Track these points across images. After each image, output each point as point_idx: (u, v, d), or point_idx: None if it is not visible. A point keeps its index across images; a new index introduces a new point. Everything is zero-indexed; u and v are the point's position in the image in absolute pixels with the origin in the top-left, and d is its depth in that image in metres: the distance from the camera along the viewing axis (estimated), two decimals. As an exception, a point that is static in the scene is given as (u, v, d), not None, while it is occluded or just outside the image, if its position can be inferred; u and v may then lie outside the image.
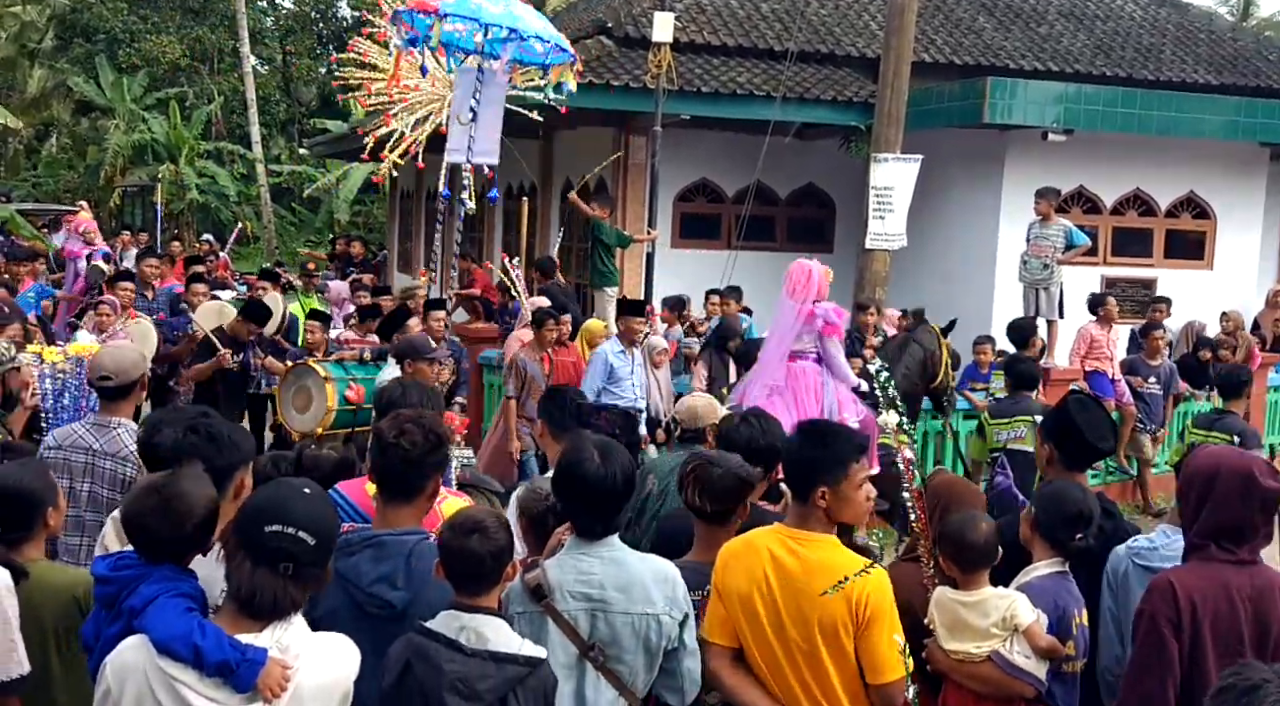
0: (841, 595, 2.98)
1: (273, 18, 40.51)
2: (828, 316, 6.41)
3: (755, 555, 3.09)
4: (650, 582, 3.04)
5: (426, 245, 21.15)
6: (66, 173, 36.70)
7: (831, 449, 3.09)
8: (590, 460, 3.04)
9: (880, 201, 10.68)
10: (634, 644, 3.01)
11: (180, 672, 2.38)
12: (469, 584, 2.76)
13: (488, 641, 2.69)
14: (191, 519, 2.67)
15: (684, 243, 13.65)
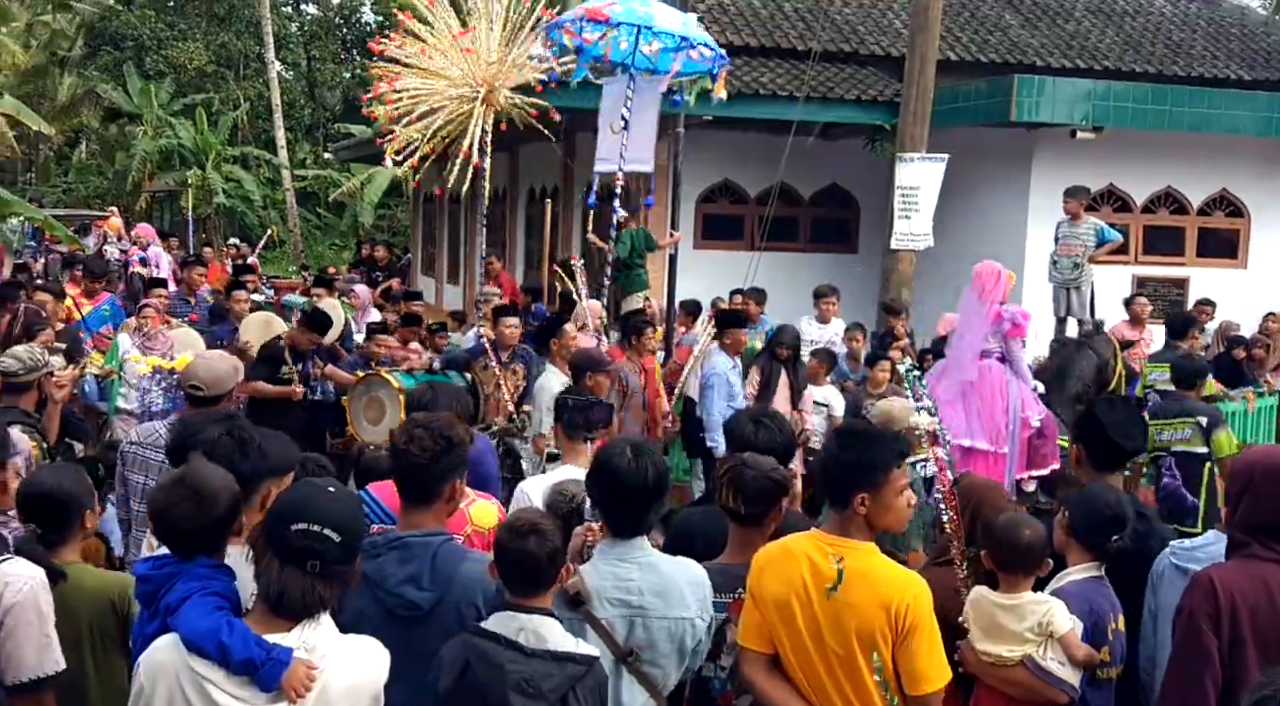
0: (880, 604, 2.91)
1: (297, 23, 40.81)
2: (1015, 318, 6.60)
3: (792, 561, 3.02)
4: (685, 587, 3.06)
5: (450, 249, 21.22)
6: (96, 178, 37.11)
7: (871, 453, 3.02)
8: (622, 457, 3.05)
9: (906, 201, 10.57)
10: (669, 647, 3.04)
11: (208, 671, 2.40)
12: (525, 585, 2.80)
13: (546, 641, 2.73)
14: (218, 506, 2.72)
15: (706, 244, 13.58)
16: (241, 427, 3.25)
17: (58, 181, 38.63)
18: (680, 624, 3.03)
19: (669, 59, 7.63)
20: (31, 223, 19.97)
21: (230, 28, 37.75)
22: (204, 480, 2.75)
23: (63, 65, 37.27)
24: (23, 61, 34.66)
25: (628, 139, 7.78)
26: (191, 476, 2.76)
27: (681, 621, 3.03)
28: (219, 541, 2.75)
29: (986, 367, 6.50)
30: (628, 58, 7.62)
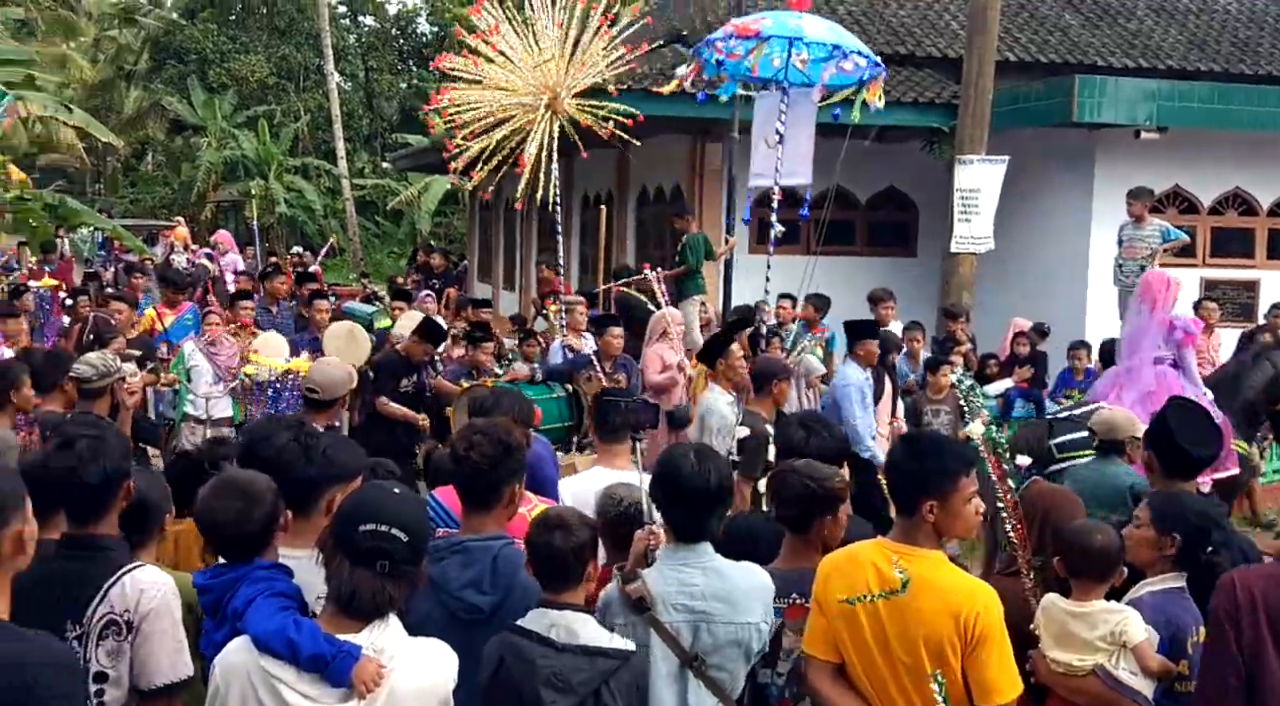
0: (949, 612, 2.88)
1: (355, 35, 41.38)
2: (1187, 327, 6.86)
3: (858, 568, 2.99)
4: (750, 592, 3.07)
5: (506, 255, 21.37)
6: (161, 189, 37.94)
7: (940, 461, 2.99)
8: (686, 462, 3.07)
9: (966, 204, 10.45)
10: (735, 652, 3.04)
11: (279, 670, 2.43)
12: (553, 580, 2.85)
13: (578, 636, 2.76)
14: (267, 500, 2.79)
15: (761, 249, 13.48)
16: (309, 434, 3.29)
17: (125, 192, 39.54)
18: (746, 629, 3.03)
19: (819, 69, 7.54)
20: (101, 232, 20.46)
21: (290, 40, 38.37)
22: (247, 481, 2.82)
23: (129, 79, 38.16)
24: (90, 76, 35.55)
25: (783, 153, 7.69)
26: (234, 480, 2.84)
27: (747, 626, 3.03)
28: (270, 539, 2.82)
29: (1162, 374, 6.66)
30: (779, 73, 7.52)
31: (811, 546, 3.33)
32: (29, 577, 2.41)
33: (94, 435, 2.97)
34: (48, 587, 2.79)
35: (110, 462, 2.93)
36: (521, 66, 8.11)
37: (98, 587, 2.81)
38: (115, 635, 2.80)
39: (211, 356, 8.37)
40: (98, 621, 2.80)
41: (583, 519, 2.94)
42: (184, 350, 8.50)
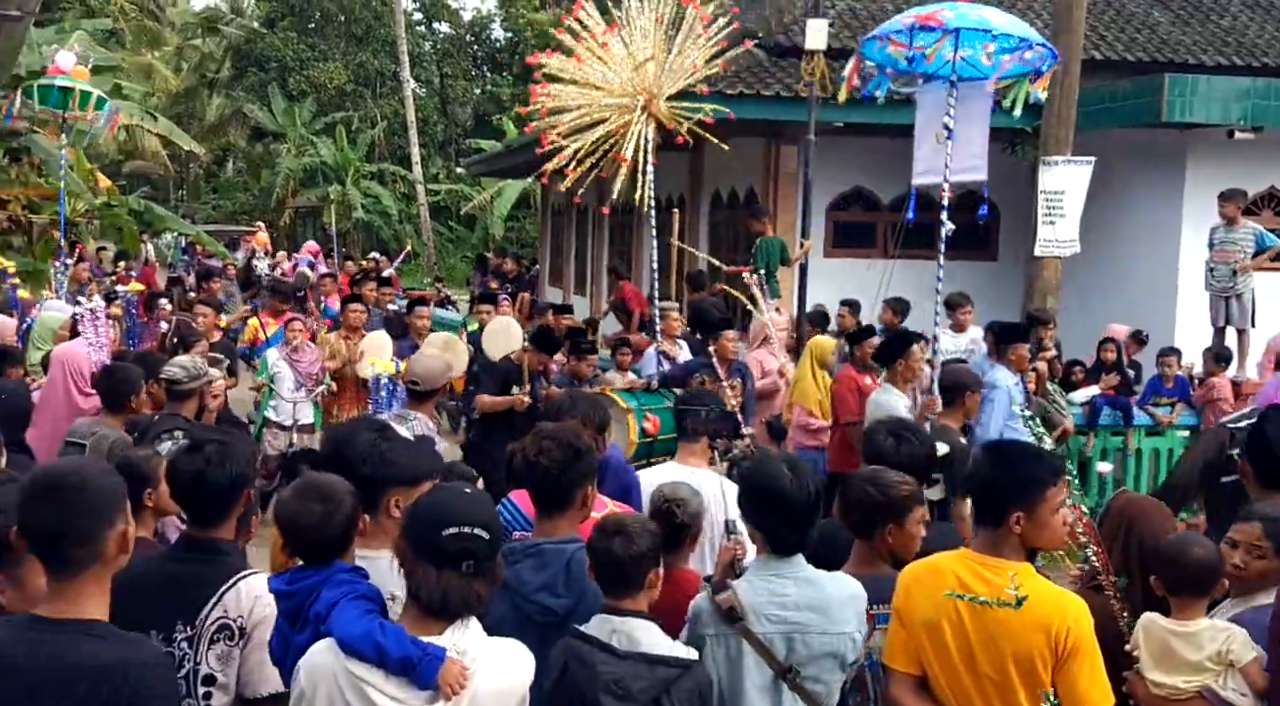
0: (1040, 625, 2.79)
1: (430, 42, 41.91)
2: None
3: (941, 580, 2.92)
4: (844, 602, 3.04)
5: (578, 259, 21.43)
6: (242, 195, 38.87)
7: (1027, 470, 2.91)
8: (783, 477, 3.02)
9: (1050, 206, 10.16)
10: (831, 663, 3.01)
11: (367, 673, 2.44)
12: (614, 586, 2.85)
13: (639, 643, 2.75)
14: (347, 504, 2.82)
15: (837, 252, 13.35)
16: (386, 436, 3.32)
17: (207, 198, 40.57)
18: (840, 639, 3.00)
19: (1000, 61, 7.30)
20: (184, 237, 20.97)
21: (367, 47, 39.05)
22: (326, 485, 2.83)
23: (211, 87, 39.14)
24: (175, 84, 36.53)
25: (953, 149, 7.53)
26: (313, 483, 2.85)
27: (842, 636, 3.00)
28: (348, 543, 2.83)
29: None
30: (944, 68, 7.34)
31: (877, 554, 3.29)
32: (143, 575, 2.43)
33: (222, 440, 3.02)
34: (164, 587, 2.84)
35: (236, 468, 2.97)
36: (620, 66, 7.98)
37: (213, 591, 2.85)
38: (227, 640, 2.83)
39: (294, 363, 8.50)
40: (210, 624, 2.84)
41: (645, 525, 2.93)
42: (267, 357, 8.67)
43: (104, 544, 2.28)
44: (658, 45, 7.88)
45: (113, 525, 2.30)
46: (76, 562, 2.27)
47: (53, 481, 2.29)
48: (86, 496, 2.27)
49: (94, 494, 2.28)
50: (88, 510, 2.26)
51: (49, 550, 2.28)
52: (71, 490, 2.26)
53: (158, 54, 36.15)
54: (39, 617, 2.27)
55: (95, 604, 2.30)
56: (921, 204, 12.04)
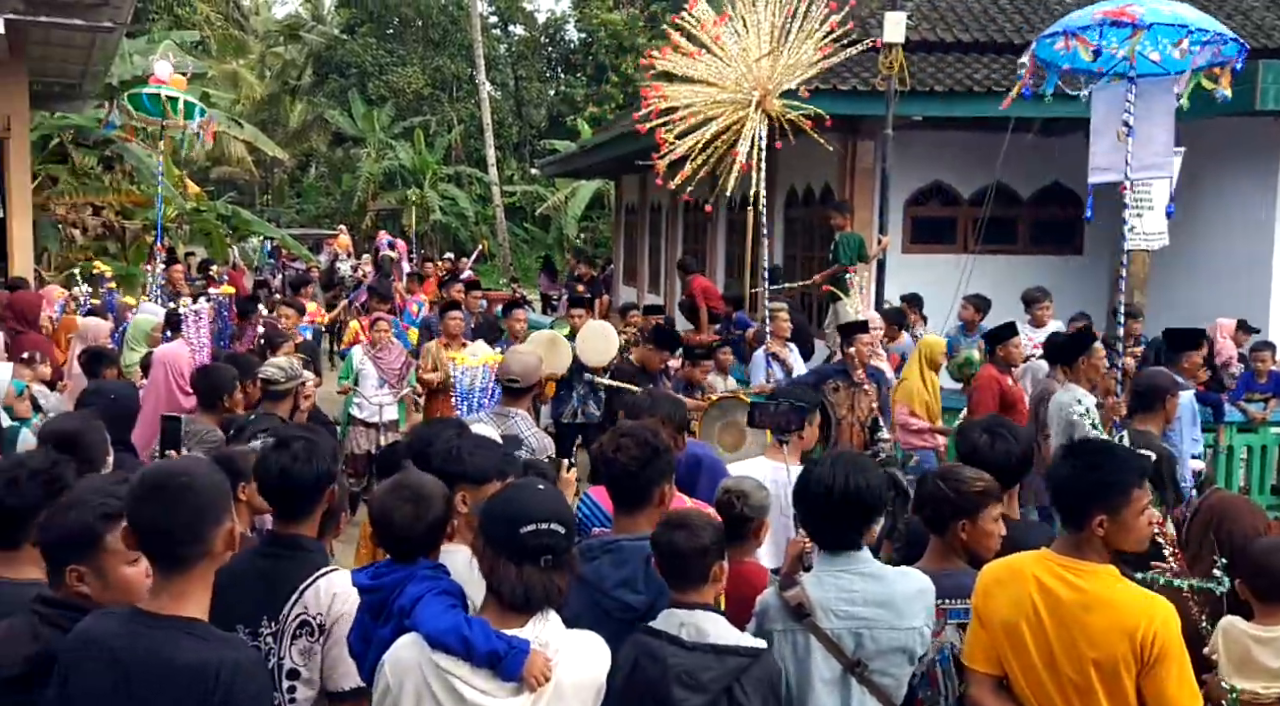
0: (1124, 631, 2.74)
1: (505, 44, 42.30)
2: None
3: (1021, 583, 2.89)
4: (912, 597, 3.02)
5: (651, 258, 21.48)
6: (324, 199, 39.68)
7: (1111, 472, 2.85)
8: (825, 473, 3.03)
9: (1138, 198, 9.91)
10: (900, 658, 3.00)
11: (453, 666, 2.47)
12: (679, 580, 2.88)
13: (707, 635, 2.77)
14: (436, 505, 2.83)
15: (915, 248, 13.17)
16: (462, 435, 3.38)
17: (290, 202, 41.49)
18: (909, 634, 2.99)
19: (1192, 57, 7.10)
20: (270, 241, 21.48)
21: (444, 52, 39.55)
22: (420, 485, 2.86)
23: (294, 93, 40.03)
24: (259, 92, 37.41)
25: (1134, 146, 7.40)
26: (408, 482, 2.88)
27: (910, 632, 2.99)
28: (436, 542, 2.86)
29: None
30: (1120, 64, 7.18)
31: (951, 549, 3.27)
32: (231, 571, 2.50)
33: (308, 438, 3.07)
34: (251, 582, 2.90)
35: (321, 465, 3.02)
36: (734, 61, 7.82)
37: (295, 587, 2.90)
38: (308, 636, 2.88)
39: (377, 361, 8.56)
40: (292, 620, 2.89)
41: (707, 519, 2.94)
42: (352, 356, 8.74)
43: (211, 542, 2.34)
44: (775, 39, 7.71)
45: (219, 523, 2.36)
46: (184, 560, 2.33)
47: (161, 481, 2.34)
48: (193, 496, 2.32)
49: (201, 493, 2.33)
50: (195, 509, 2.31)
51: (157, 548, 2.34)
52: (179, 490, 2.31)
53: (242, 62, 37.07)
54: (141, 611, 2.33)
55: (197, 601, 2.36)
56: (1000, 198, 11.87)
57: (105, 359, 6.50)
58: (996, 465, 3.57)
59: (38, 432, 4.12)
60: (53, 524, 2.56)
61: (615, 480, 3.21)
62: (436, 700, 2.49)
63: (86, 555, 2.53)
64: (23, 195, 10.75)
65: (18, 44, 9.99)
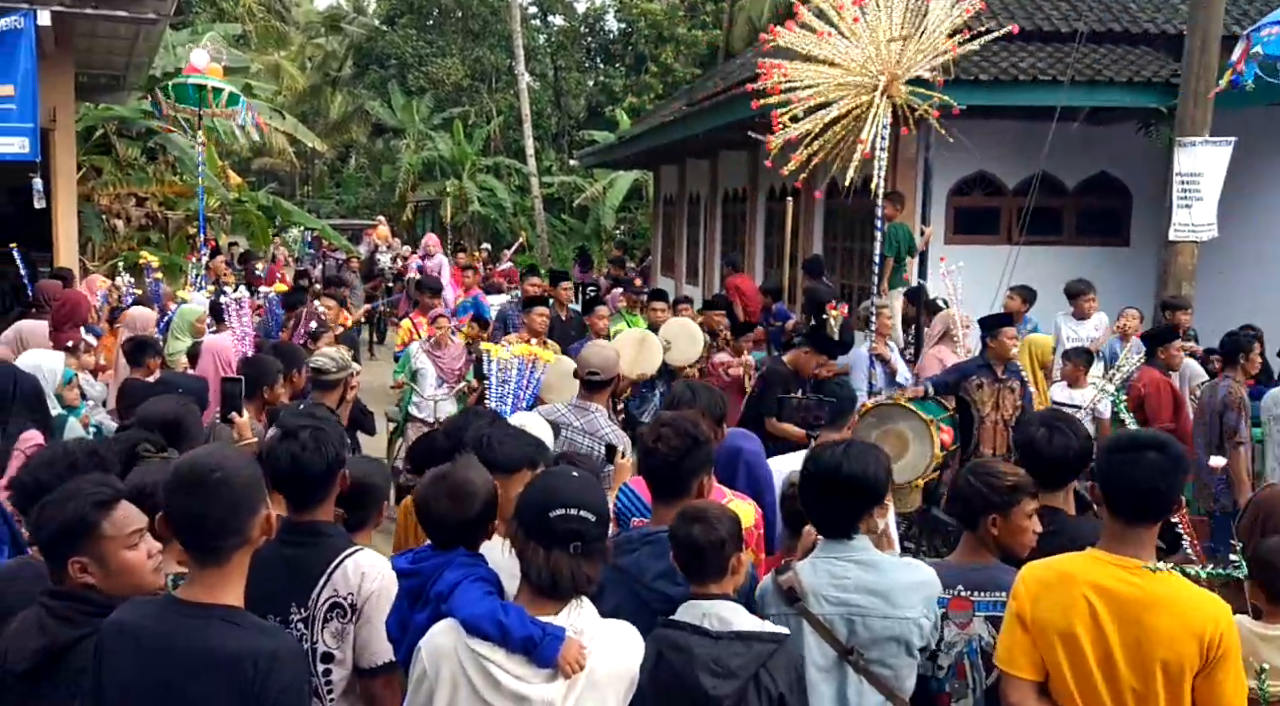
0: (1192, 633, 2.66)
1: (545, 35, 42.31)
2: None
3: (1073, 586, 2.79)
4: (908, 587, 3.01)
5: (689, 249, 21.41)
6: (364, 190, 39.95)
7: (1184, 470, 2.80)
8: (828, 459, 3.04)
9: (1187, 189, 9.75)
10: (895, 648, 2.98)
11: (489, 652, 2.50)
12: (695, 572, 2.88)
13: (731, 623, 2.79)
14: (475, 504, 2.84)
15: (959, 239, 13.01)
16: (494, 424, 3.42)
17: (330, 193, 41.78)
18: (904, 624, 2.97)
19: None
20: (310, 232, 21.64)
21: (484, 42, 39.62)
22: (463, 481, 2.86)
23: (334, 85, 40.31)
24: (300, 83, 37.69)
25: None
26: (452, 476, 2.89)
27: (905, 621, 2.97)
28: (475, 536, 2.86)
29: None
30: None
31: (983, 543, 3.24)
32: (258, 561, 2.51)
33: (315, 426, 3.07)
34: (273, 571, 2.89)
35: (331, 451, 3.03)
36: (864, 43, 7.42)
37: (320, 571, 2.91)
38: (340, 617, 2.90)
39: (436, 359, 8.32)
40: (322, 604, 2.90)
41: (724, 512, 2.93)
42: (409, 353, 8.49)
43: (249, 531, 2.39)
44: (906, 22, 7.36)
45: (255, 512, 2.40)
46: (222, 550, 2.36)
47: (197, 474, 2.36)
48: (229, 489, 2.35)
49: (236, 485, 2.36)
50: (231, 502, 2.35)
51: (194, 540, 2.37)
52: (215, 483, 2.34)
53: (284, 54, 37.33)
54: (178, 600, 2.36)
55: (234, 589, 2.39)
56: (1045, 188, 11.70)
57: (149, 348, 6.56)
58: (1054, 460, 3.52)
59: (139, 414, 4.17)
60: (46, 519, 2.59)
61: (655, 470, 3.22)
62: (472, 685, 2.51)
63: (85, 545, 2.58)
64: (68, 186, 10.87)
65: (64, 36, 10.11)
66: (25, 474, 3.19)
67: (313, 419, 3.15)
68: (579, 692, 2.50)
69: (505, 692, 2.48)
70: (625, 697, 2.59)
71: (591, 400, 4.95)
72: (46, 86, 9.54)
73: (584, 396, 4.99)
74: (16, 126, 8.95)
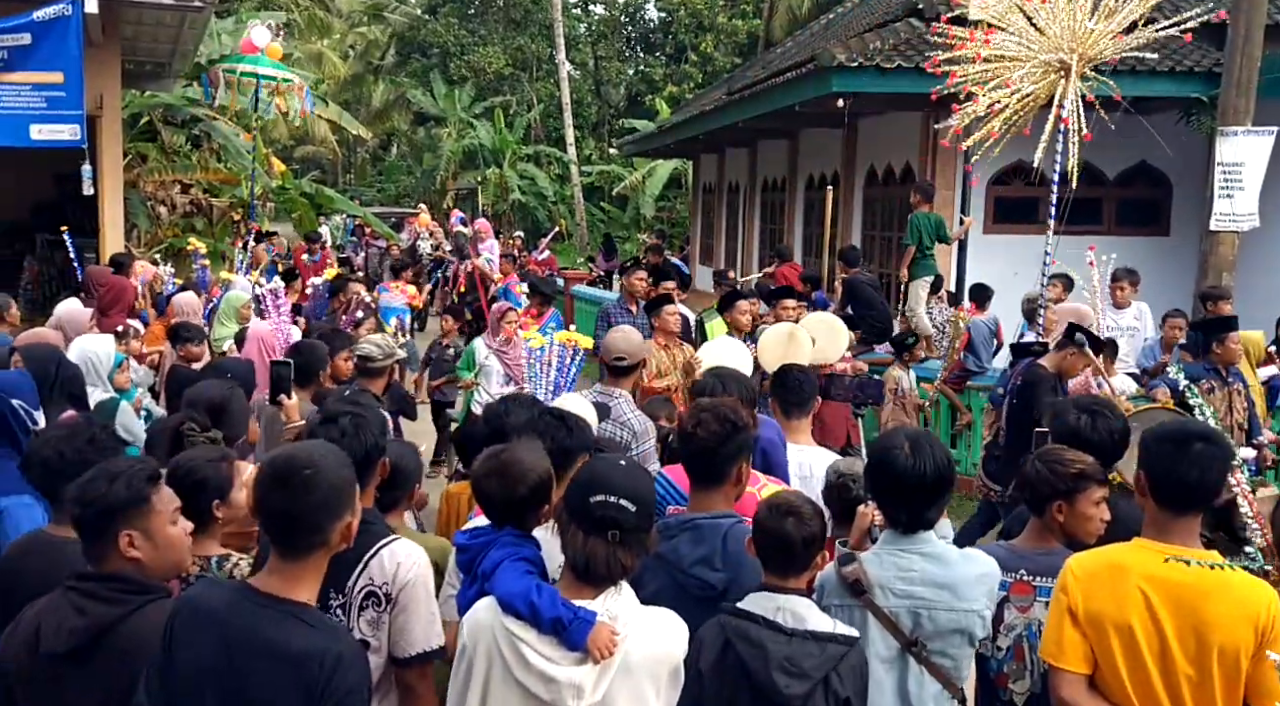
0: (1248, 618, 2.68)
1: (585, 24, 42.33)
2: None
3: (1125, 577, 2.79)
4: (974, 580, 2.98)
5: (728, 239, 21.41)
6: (405, 178, 40.21)
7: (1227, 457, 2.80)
8: (900, 451, 2.97)
9: (1228, 179, 9.64)
10: (959, 639, 2.97)
11: (521, 630, 2.52)
12: (781, 565, 2.82)
13: (805, 621, 2.74)
14: (524, 484, 2.86)
15: (998, 228, 12.93)
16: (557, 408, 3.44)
17: (373, 181, 42.11)
18: (969, 617, 2.95)
19: None
20: (353, 219, 21.87)
21: (525, 31, 39.72)
22: (513, 461, 2.88)
23: (376, 73, 40.58)
24: (343, 72, 37.98)
25: None
26: (504, 455, 2.92)
27: (970, 613, 2.95)
28: (525, 516, 2.89)
29: None
30: None
31: (1049, 529, 3.23)
32: None
33: (356, 412, 3.11)
34: None
35: (370, 438, 3.07)
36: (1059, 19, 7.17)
37: (359, 559, 2.91)
38: (375, 606, 2.91)
39: (502, 356, 8.02)
40: (358, 592, 2.92)
41: (815, 508, 2.90)
42: (475, 349, 8.16)
43: (329, 534, 2.40)
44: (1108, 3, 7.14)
45: (339, 517, 2.40)
46: (303, 548, 2.39)
47: (289, 470, 2.37)
48: (317, 490, 2.36)
49: (324, 487, 2.37)
50: (317, 503, 2.36)
51: (278, 532, 2.40)
52: (304, 480, 2.35)
53: (327, 42, 37.64)
54: (252, 588, 2.39)
55: (309, 586, 2.41)
56: (1085, 178, 11.57)
57: (184, 333, 6.69)
58: (1093, 445, 3.53)
59: (187, 397, 4.22)
60: (95, 494, 2.58)
61: (694, 456, 3.19)
62: (505, 662, 2.54)
63: (136, 518, 2.59)
64: (115, 172, 11.05)
65: (111, 24, 10.26)
66: (46, 447, 3.18)
67: (354, 405, 3.19)
68: (611, 678, 2.49)
69: (534, 672, 2.50)
70: (667, 685, 2.57)
71: (617, 386, 4.87)
72: (93, 74, 9.67)
73: (610, 381, 4.91)
74: (66, 113, 9.09)
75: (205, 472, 3.09)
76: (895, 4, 14.75)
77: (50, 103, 9.06)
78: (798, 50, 18.32)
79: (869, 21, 14.87)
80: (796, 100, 12.58)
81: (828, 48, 11.85)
